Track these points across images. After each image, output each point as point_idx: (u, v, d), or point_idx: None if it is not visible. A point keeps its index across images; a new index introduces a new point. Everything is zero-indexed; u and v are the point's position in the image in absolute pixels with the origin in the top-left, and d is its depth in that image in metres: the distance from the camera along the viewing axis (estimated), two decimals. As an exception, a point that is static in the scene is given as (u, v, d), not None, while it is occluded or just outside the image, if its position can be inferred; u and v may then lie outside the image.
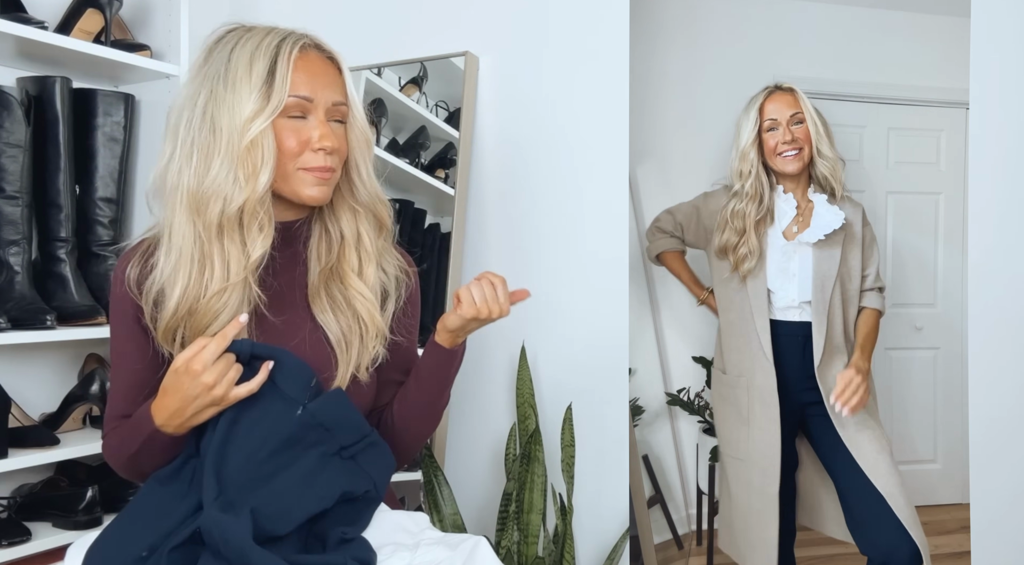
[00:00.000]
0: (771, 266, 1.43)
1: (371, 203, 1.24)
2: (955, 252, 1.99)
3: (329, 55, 1.21)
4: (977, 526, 1.68)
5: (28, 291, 1.74)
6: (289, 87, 1.13)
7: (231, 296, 1.14)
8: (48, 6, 1.89)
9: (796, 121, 1.45)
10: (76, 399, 1.86)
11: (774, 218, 1.40)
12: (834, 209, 1.45)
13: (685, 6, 2.05)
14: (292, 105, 1.14)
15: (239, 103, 1.11)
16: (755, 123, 1.48)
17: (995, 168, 1.66)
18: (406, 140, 2.07)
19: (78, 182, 1.87)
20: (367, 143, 1.23)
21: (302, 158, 1.16)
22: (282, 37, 1.17)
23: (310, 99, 1.15)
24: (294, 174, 1.16)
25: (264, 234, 1.15)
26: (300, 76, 1.15)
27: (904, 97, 2.03)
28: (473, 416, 2.00)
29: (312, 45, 1.19)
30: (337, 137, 1.18)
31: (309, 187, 1.17)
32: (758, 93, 1.48)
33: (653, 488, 2.03)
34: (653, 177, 2.04)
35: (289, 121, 1.15)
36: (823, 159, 1.41)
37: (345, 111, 1.20)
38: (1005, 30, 1.64)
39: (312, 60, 1.18)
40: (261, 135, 1.12)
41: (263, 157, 1.12)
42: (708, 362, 2.06)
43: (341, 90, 1.19)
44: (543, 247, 1.93)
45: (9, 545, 1.65)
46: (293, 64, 1.14)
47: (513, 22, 1.97)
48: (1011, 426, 1.66)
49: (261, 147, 1.12)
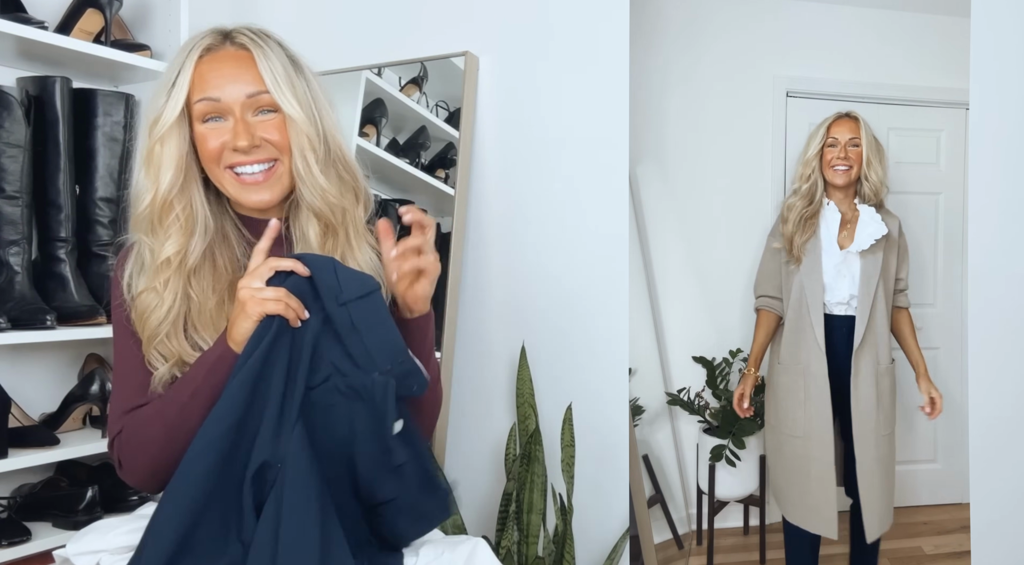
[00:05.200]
0: (827, 269, 1.73)
1: (316, 204, 1.18)
2: (955, 252, 1.99)
3: (241, 46, 1.17)
4: (977, 526, 1.68)
5: (28, 291, 1.74)
6: (188, 91, 1.15)
7: (156, 295, 1.16)
8: (48, 6, 1.89)
9: (853, 144, 1.73)
10: (76, 399, 1.86)
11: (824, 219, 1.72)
12: (878, 218, 1.72)
13: (685, 6, 2.05)
14: (204, 109, 1.15)
15: (152, 109, 1.16)
16: (821, 139, 1.76)
17: (995, 168, 1.66)
18: (406, 140, 2.07)
19: (78, 182, 1.88)
20: (306, 138, 1.16)
21: (224, 157, 1.16)
22: (194, 42, 1.17)
23: (216, 99, 1.14)
24: (224, 177, 1.17)
25: (182, 233, 1.16)
26: (206, 77, 1.15)
27: (904, 97, 2.03)
28: (473, 416, 2.00)
29: (225, 41, 1.17)
30: (268, 130, 1.16)
31: (242, 192, 1.17)
32: (829, 116, 1.79)
33: (653, 488, 2.03)
34: (653, 177, 2.04)
35: (207, 125, 1.15)
36: (868, 181, 1.70)
37: (270, 100, 1.15)
38: (1005, 30, 1.64)
39: (220, 58, 1.16)
40: (164, 136, 1.14)
41: (165, 158, 1.15)
42: (708, 362, 2.06)
43: (255, 79, 1.15)
44: (543, 247, 1.93)
45: (9, 545, 1.65)
46: (195, 66, 1.15)
47: (513, 22, 1.97)
48: (1011, 426, 1.66)
49: (163, 148, 1.15)
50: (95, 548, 1.13)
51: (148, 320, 1.16)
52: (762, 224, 2.13)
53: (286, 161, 1.17)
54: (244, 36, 1.18)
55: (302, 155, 1.16)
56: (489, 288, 1.97)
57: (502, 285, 1.96)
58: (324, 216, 1.19)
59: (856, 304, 1.73)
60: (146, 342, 1.17)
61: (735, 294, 2.13)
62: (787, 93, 2.09)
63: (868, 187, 1.72)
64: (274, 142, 1.16)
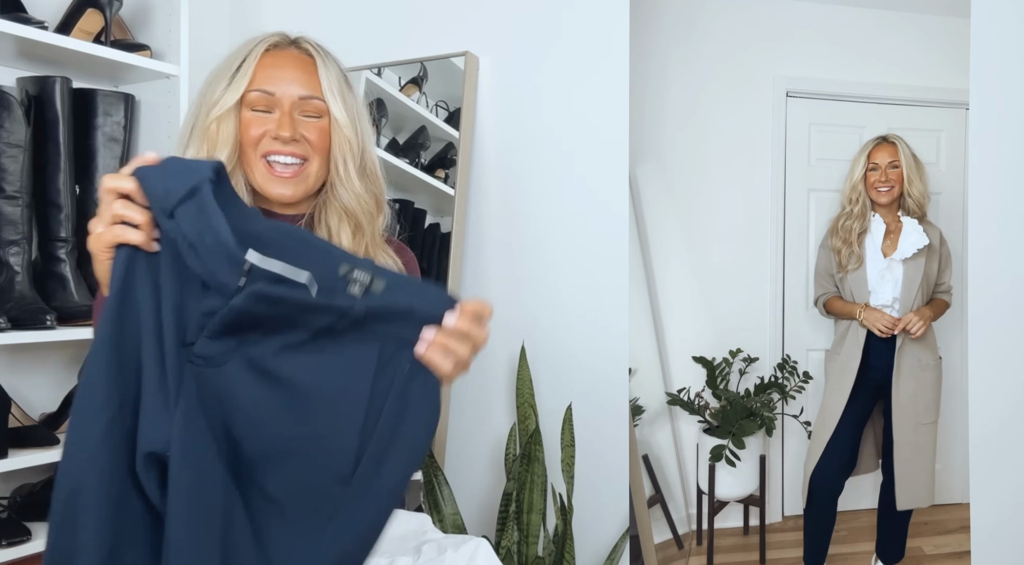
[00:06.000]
0: (871, 274, 1.93)
1: (351, 205, 1.24)
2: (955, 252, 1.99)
3: (306, 51, 1.24)
4: (977, 526, 1.68)
5: (28, 291, 1.74)
6: (249, 81, 1.19)
7: None
8: (48, 6, 1.89)
9: (892, 166, 1.91)
10: (76, 399, 1.86)
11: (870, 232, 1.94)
12: (920, 229, 1.91)
13: (685, 7, 2.05)
14: (255, 99, 1.19)
15: (213, 91, 1.21)
16: (864, 165, 1.94)
17: (995, 168, 1.66)
18: (406, 140, 2.07)
19: (78, 182, 1.87)
20: (348, 142, 1.23)
21: (262, 144, 1.20)
22: (263, 37, 1.23)
23: (271, 93, 1.19)
24: (257, 164, 1.21)
25: None
26: (265, 71, 1.20)
27: (904, 97, 2.03)
28: (473, 416, 2.00)
29: (290, 43, 1.24)
30: (308, 130, 1.21)
31: (270, 184, 1.21)
32: (869, 141, 1.96)
33: (653, 488, 2.03)
34: (653, 177, 2.05)
35: (255, 114, 1.20)
36: (911, 197, 1.90)
37: (319, 106, 1.21)
38: (1005, 30, 1.64)
39: (283, 56, 1.22)
40: (221, 118, 1.19)
41: (221, 139, 1.19)
42: (708, 362, 2.06)
43: (311, 85, 1.21)
44: (543, 247, 1.93)
45: (9, 545, 1.65)
46: (259, 59, 1.20)
47: (513, 22, 1.97)
48: (1011, 426, 1.66)
49: (219, 129, 1.19)
50: None
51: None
52: (762, 224, 2.13)
53: (315, 163, 1.23)
54: (309, 44, 1.25)
55: (343, 157, 1.23)
56: (489, 288, 1.97)
57: (502, 285, 1.96)
58: (355, 217, 1.25)
59: (899, 306, 1.92)
60: None
61: (735, 294, 2.14)
62: (787, 93, 2.10)
63: (911, 202, 1.91)
64: (311, 142, 1.21)
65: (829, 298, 2.04)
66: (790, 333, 2.13)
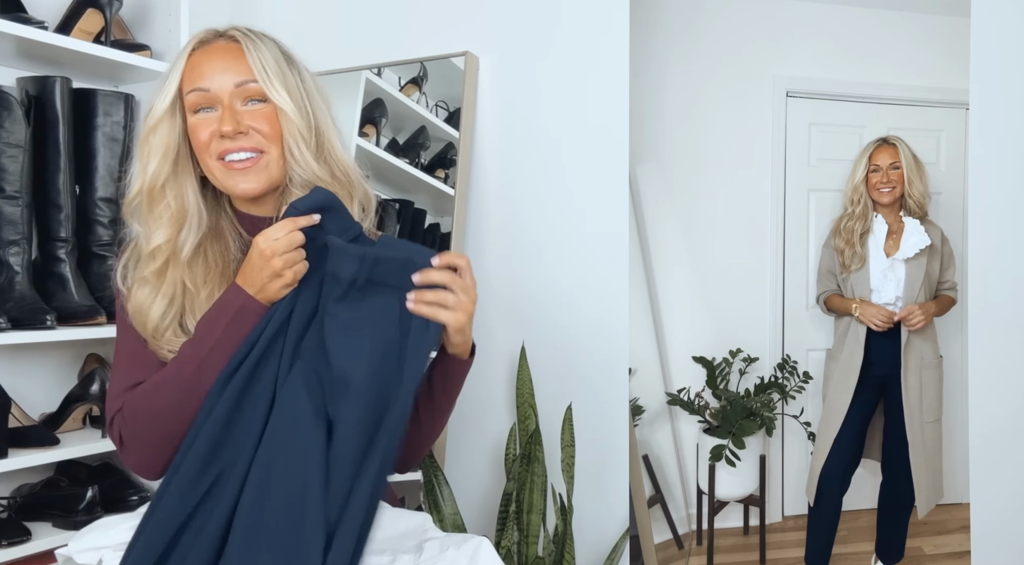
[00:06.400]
0: (874, 273, 1.96)
1: (309, 185, 1.19)
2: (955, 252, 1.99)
3: (231, 38, 1.19)
4: (977, 526, 1.68)
5: (28, 291, 1.74)
6: (179, 82, 1.17)
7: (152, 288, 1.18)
8: (48, 6, 1.89)
9: (893, 167, 1.94)
10: (76, 399, 1.86)
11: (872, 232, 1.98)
12: (921, 230, 1.95)
13: (685, 6, 2.05)
14: (194, 100, 1.17)
15: (148, 104, 1.20)
16: (865, 166, 1.97)
17: (995, 168, 1.66)
18: (406, 140, 2.07)
19: (78, 182, 1.87)
20: (295, 125, 1.17)
21: (212, 146, 1.17)
22: (191, 39, 1.21)
23: (206, 89, 1.16)
24: (214, 167, 1.18)
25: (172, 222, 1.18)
26: (195, 70, 1.17)
27: (904, 97, 2.03)
28: (473, 416, 1.99)
29: (217, 36, 1.20)
30: (255, 118, 1.17)
31: (230, 179, 1.18)
32: (870, 144, 1.98)
33: (653, 488, 2.03)
34: (653, 177, 2.05)
35: (199, 116, 1.17)
36: (911, 197, 1.94)
37: (259, 89, 1.17)
38: (1005, 30, 1.64)
39: (210, 51, 1.19)
40: (156, 125, 1.17)
41: (154, 146, 1.17)
42: (708, 362, 2.06)
43: (243, 70, 1.17)
44: (543, 247, 1.93)
45: (9, 545, 1.65)
46: (187, 59, 1.18)
47: (513, 22, 1.97)
48: (1011, 426, 1.66)
49: (154, 136, 1.18)
50: (97, 544, 1.13)
51: (148, 316, 1.17)
52: (762, 224, 2.13)
53: (273, 152, 1.18)
54: (236, 31, 1.21)
55: (294, 141, 1.18)
56: (489, 288, 1.97)
57: (502, 285, 1.96)
58: None
59: (901, 305, 1.96)
60: (151, 339, 1.17)
61: (735, 294, 2.14)
62: (787, 93, 2.10)
63: (912, 202, 1.95)
64: (262, 132, 1.17)
65: (829, 295, 2.06)
66: (790, 333, 2.13)
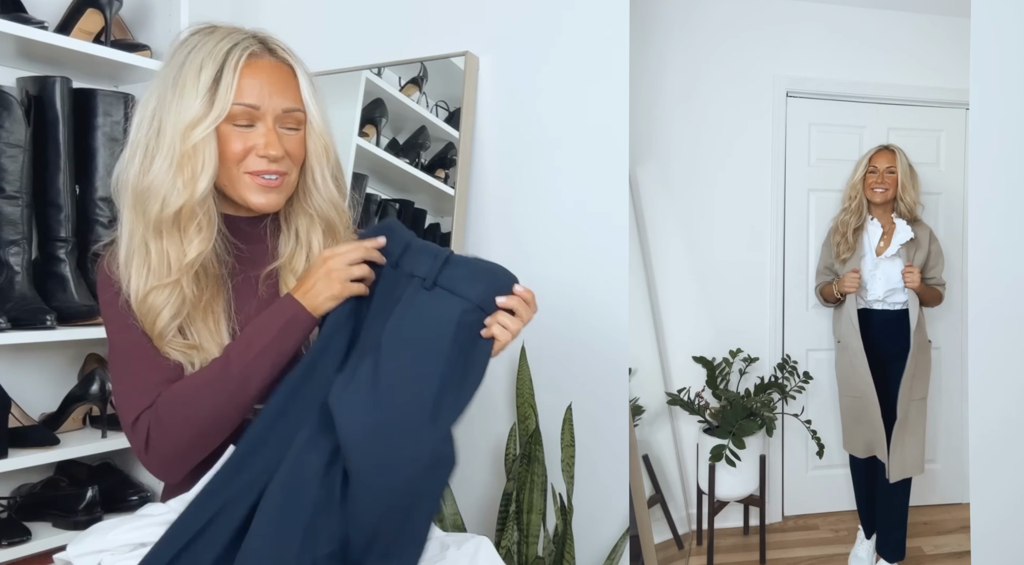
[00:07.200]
0: (865, 270, 2.08)
1: (325, 210, 1.23)
2: (955, 252, 1.99)
3: (283, 60, 1.19)
4: (977, 526, 1.68)
5: (28, 291, 1.74)
6: (234, 95, 1.13)
7: (170, 293, 1.14)
8: (48, 6, 1.89)
9: (889, 171, 2.06)
10: (76, 399, 1.86)
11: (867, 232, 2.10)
12: (908, 230, 2.06)
13: (685, 6, 2.05)
14: (238, 113, 1.14)
15: (185, 109, 1.12)
16: (864, 167, 2.08)
17: (995, 168, 1.66)
18: (406, 140, 2.07)
19: (78, 182, 1.87)
20: (324, 149, 1.21)
21: (246, 161, 1.16)
22: (234, 43, 1.16)
23: (256, 107, 1.14)
24: (240, 178, 1.16)
25: (202, 236, 1.15)
26: (248, 83, 1.14)
27: (904, 97, 2.04)
28: (473, 416, 1.99)
29: (265, 51, 1.18)
30: (289, 144, 1.18)
31: (255, 194, 1.17)
32: (871, 148, 2.08)
33: (653, 488, 2.03)
34: (653, 177, 2.05)
35: (236, 128, 1.15)
36: (903, 201, 2.06)
37: (300, 117, 1.18)
38: (1005, 30, 1.64)
39: (262, 67, 1.16)
40: (203, 142, 1.12)
41: (203, 163, 1.13)
42: (708, 362, 2.06)
43: (293, 96, 1.17)
44: (543, 247, 1.93)
45: (9, 545, 1.65)
46: (240, 71, 1.14)
47: (513, 22, 1.97)
48: (1011, 426, 1.66)
49: (202, 153, 1.12)
50: (96, 548, 1.13)
51: (158, 318, 1.15)
52: (762, 224, 2.13)
53: (294, 174, 1.21)
54: (283, 51, 1.19)
55: (319, 164, 1.21)
56: (489, 288, 1.97)
57: (502, 285, 1.96)
58: (328, 220, 1.25)
59: (891, 300, 2.09)
60: (156, 339, 1.16)
61: (735, 294, 2.14)
62: (787, 93, 2.10)
63: (903, 206, 2.07)
64: (293, 157, 1.19)
65: (823, 285, 2.14)
66: (790, 333, 2.13)
